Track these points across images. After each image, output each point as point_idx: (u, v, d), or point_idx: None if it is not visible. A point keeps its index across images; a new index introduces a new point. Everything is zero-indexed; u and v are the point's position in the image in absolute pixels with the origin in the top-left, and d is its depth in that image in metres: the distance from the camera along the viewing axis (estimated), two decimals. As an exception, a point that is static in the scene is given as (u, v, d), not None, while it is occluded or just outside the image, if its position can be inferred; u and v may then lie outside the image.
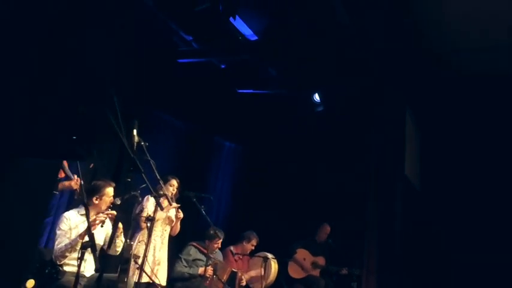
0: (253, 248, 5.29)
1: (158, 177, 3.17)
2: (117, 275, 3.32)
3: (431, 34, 5.58)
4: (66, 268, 3.32)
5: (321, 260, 5.80)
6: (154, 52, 5.01)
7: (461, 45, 5.75)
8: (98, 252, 3.58)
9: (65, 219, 3.36)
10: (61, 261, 3.27)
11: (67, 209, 3.58)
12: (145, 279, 3.78)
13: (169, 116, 5.66)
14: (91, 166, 3.09)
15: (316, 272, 5.77)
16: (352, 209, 6.07)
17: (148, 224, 3.50)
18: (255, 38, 5.11)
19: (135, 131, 2.70)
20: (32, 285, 3.06)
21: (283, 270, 5.62)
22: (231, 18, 4.49)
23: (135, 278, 3.72)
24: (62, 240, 3.28)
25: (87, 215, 2.76)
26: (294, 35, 5.05)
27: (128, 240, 3.44)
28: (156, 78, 5.02)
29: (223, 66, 5.88)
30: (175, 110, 5.58)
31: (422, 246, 6.47)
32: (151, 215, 3.54)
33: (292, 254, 5.73)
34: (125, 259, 3.38)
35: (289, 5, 4.64)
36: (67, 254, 3.24)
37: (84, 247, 2.76)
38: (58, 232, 3.32)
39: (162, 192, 3.62)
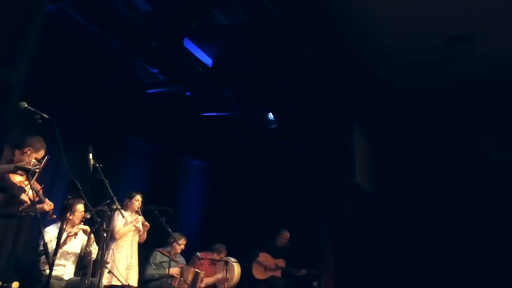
0: (221, 258, 5.85)
1: (112, 194, 3.79)
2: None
3: (368, 52, 6.19)
4: (48, 272, 3.96)
5: (281, 262, 6.32)
6: (125, 86, 5.78)
7: (397, 60, 6.39)
8: (76, 259, 4.30)
9: (46, 233, 4.03)
10: (44, 267, 3.93)
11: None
12: (117, 282, 4.44)
13: (141, 140, 6.41)
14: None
15: (277, 273, 6.28)
16: (309, 216, 6.71)
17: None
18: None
19: (90, 155, 3.40)
20: (17, 286, 3.74)
21: (247, 272, 6.14)
22: (188, 46, 5.24)
23: (106, 282, 4.36)
24: (45, 250, 3.93)
25: (59, 233, 3.31)
26: (244, 61, 5.78)
27: (87, 248, 4.10)
28: (127, 108, 5.78)
29: (188, 94, 6.63)
30: (147, 135, 6.34)
31: (375, 249, 7.07)
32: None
33: (255, 257, 6.23)
34: (84, 265, 4.04)
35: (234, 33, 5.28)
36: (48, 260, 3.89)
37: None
38: (41, 244, 3.97)
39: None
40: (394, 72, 6.72)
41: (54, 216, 3.65)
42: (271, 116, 6.65)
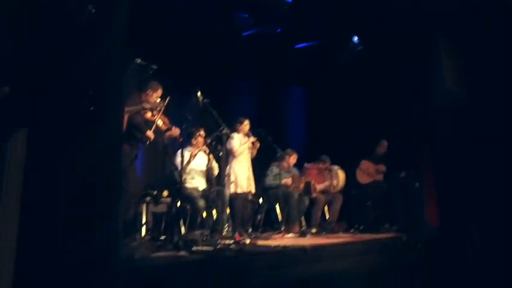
0: (326, 167, 6.78)
1: (221, 122, 4.97)
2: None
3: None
4: (187, 184, 5.24)
5: (382, 167, 7.07)
6: (224, 32, 6.90)
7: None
8: (204, 175, 5.61)
9: (178, 155, 5.31)
10: (182, 178, 5.23)
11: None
12: (239, 190, 5.70)
13: (244, 78, 7.60)
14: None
15: (379, 177, 7.08)
16: (404, 123, 7.28)
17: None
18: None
19: (199, 93, 4.57)
20: (167, 194, 5.16)
21: (352, 179, 7.08)
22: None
23: (230, 190, 5.62)
24: (179, 167, 5.25)
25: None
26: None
27: (209, 165, 5.34)
28: (228, 52, 6.93)
29: (278, 30, 7.51)
30: (248, 73, 7.49)
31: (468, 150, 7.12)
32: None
33: (358, 165, 7.15)
34: (209, 178, 5.31)
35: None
36: (183, 174, 5.18)
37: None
38: (176, 163, 5.08)
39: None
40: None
41: (181, 139, 4.70)
42: (356, 39, 7.28)
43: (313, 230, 6.08)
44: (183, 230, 4.84)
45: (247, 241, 4.32)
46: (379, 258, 5.28)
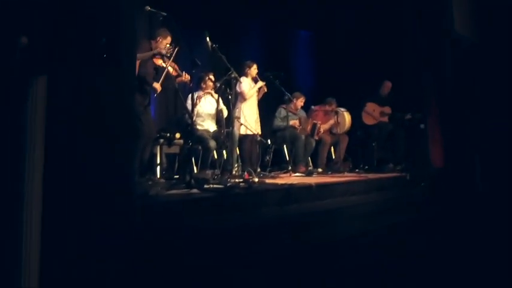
0: (332, 109, 6.95)
1: (229, 66, 5.11)
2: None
3: None
4: (198, 127, 5.48)
5: (387, 109, 7.20)
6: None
7: None
8: (214, 118, 5.81)
9: (188, 99, 5.51)
10: (193, 121, 5.47)
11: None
12: (248, 132, 5.93)
13: (251, 19, 7.66)
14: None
15: (384, 119, 7.22)
16: (411, 65, 7.35)
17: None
18: None
19: (207, 38, 4.68)
20: (179, 136, 5.40)
21: (358, 120, 7.27)
22: None
23: (240, 132, 5.85)
24: (190, 110, 5.47)
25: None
26: None
27: (218, 108, 5.52)
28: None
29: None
30: (255, 14, 7.54)
31: (476, 93, 7.28)
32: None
33: (363, 106, 7.27)
34: (218, 120, 5.50)
35: None
36: (194, 118, 5.42)
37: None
38: (187, 106, 5.37)
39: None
40: None
41: (191, 84, 4.90)
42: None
43: (319, 170, 6.33)
44: (195, 169, 5.11)
45: (256, 180, 4.55)
46: (383, 196, 5.55)
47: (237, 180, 4.52)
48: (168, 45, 4.54)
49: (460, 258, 3.73)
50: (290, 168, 5.95)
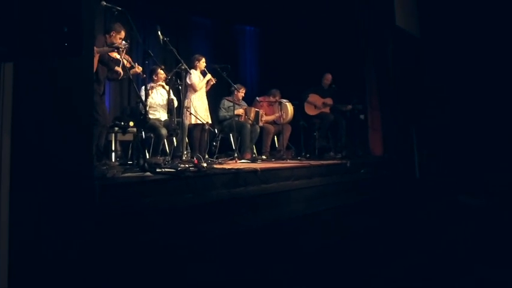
0: (276, 100, 7.37)
1: (179, 58, 5.41)
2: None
3: None
4: (151, 116, 5.71)
5: (329, 101, 7.68)
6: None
7: None
8: (165, 108, 6.08)
9: (141, 90, 5.81)
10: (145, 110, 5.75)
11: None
12: (198, 121, 6.22)
13: (201, 16, 7.97)
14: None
15: (326, 110, 7.70)
16: (353, 59, 7.91)
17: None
18: None
19: (159, 32, 4.96)
20: (132, 124, 5.65)
21: (301, 111, 7.72)
22: None
23: (190, 121, 6.17)
24: (143, 101, 5.75)
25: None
26: None
27: (169, 98, 5.81)
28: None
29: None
30: (205, 12, 7.87)
31: (417, 86, 7.88)
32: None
33: (306, 98, 7.72)
34: (169, 109, 5.80)
35: None
36: (147, 108, 5.71)
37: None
38: (140, 97, 5.74)
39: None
40: None
41: (144, 75, 5.21)
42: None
43: (264, 157, 6.73)
44: (147, 156, 5.38)
45: (204, 164, 4.87)
46: (325, 181, 5.99)
47: (187, 165, 4.82)
48: (121, 39, 4.77)
49: (396, 239, 4.21)
50: (236, 155, 6.29)
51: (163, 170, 4.36)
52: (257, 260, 3.40)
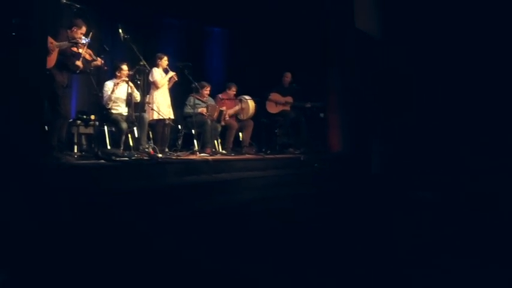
0: (234, 93, 7.67)
1: (139, 55, 5.76)
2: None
3: None
4: (113, 111, 6.04)
5: (289, 99, 8.04)
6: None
7: None
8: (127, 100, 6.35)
9: (105, 86, 6.11)
10: (109, 105, 6.05)
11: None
12: (160, 116, 6.53)
13: (168, 17, 8.34)
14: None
15: (287, 108, 8.06)
16: (314, 59, 8.30)
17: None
18: None
19: (120, 30, 5.29)
20: (94, 118, 5.95)
21: (263, 108, 8.06)
22: None
23: (153, 116, 6.49)
24: (106, 95, 6.05)
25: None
26: None
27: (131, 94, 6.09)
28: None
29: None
30: (172, 12, 8.24)
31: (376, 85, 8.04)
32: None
33: (267, 96, 8.08)
34: (130, 104, 6.08)
35: None
36: (109, 102, 6.01)
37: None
38: (104, 92, 5.99)
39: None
40: None
41: (106, 68, 5.51)
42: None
43: (224, 152, 7.07)
44: (108, 147, 5.69)
45: (160, 155, 5.19)
46: (278, 172, 6.34)
47: (142, 155, 5.12)
48: (83, 34, 5.05)
49: (344, 226, 4.43)
50: (196, 149, 6.60)
51: (117, 159, 4.66)
52: (206, 238, 3.66)
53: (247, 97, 7.68)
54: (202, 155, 6.43)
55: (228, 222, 4.27)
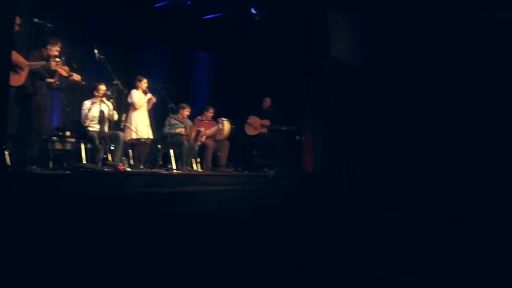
0: (212, 114, 8.09)
1: (113, 75, 6.22)
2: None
3: None
4: (90, 128, 6.43)
5: (266, 122, 8.46)
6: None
7: None
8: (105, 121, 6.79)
9: (84, 105, 6.54)
10: (86, 123, 6.47)
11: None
12: (138, 136, 6.94)
13: (155, 41, 8.94)
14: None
15: (264, 130, 8.48)
16: (291, 86, 8.81)
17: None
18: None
19: (96, 50, 5.75)
20: (69, 134, 6.37)
21: (242, 131, 8.52)
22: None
23: (131, 136, 6.88)
24: (83, 114, 6.48)
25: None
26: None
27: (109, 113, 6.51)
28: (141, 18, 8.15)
29: (189, 3, 8.67)
30: (159, 37, 8.84)
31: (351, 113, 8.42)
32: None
33: (246, 119, 8.55)
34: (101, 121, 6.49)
35: None
36: (86, 120, 6.43)
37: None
38: (82, 111, 6.48)
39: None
40: None
41: (84, 83, 5.87)
42: (253, 10, 8.62)
43: (200, 170, 7.43)
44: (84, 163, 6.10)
45: (129, 169, 5.54)
46: (244, 187, 6.61)
47: (110, 168, 5.48)
48: (58, 51, 5.29)
49: (304, 237, 4.65)
50: (172, 167, 6.95)
51: (83, 170, 5.03)
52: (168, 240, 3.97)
53: (223, 119, 8.08)
54: (177, 172, 6.79)
55: (193, 226, 4.54)
